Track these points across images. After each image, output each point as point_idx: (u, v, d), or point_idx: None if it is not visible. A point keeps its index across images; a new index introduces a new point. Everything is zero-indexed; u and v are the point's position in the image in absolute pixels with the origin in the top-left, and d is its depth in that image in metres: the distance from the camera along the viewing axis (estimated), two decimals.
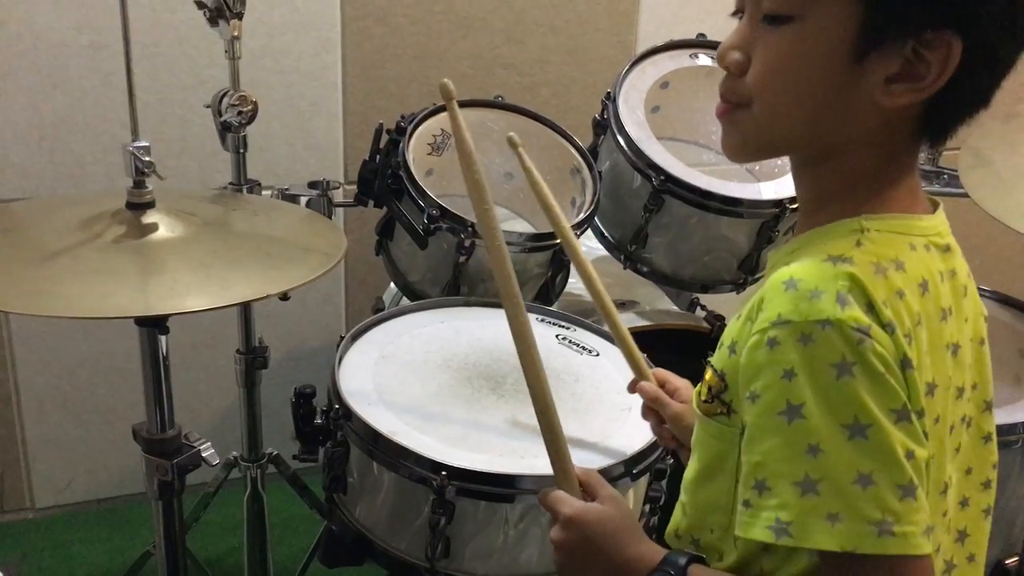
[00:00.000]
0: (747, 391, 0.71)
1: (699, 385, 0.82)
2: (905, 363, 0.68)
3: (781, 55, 0.72)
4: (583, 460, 1.15)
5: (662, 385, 1.10)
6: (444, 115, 1.64)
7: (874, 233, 0.72)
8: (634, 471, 1.15)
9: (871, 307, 0.68)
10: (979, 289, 0.82)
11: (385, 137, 1.58)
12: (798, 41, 0.71)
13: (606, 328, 1.49)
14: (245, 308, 1.70)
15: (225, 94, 1.52)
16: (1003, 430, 1.31)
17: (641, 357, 1.14)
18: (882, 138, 0.73)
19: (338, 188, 1.73)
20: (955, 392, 0.77)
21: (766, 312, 0.70)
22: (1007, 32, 0.68)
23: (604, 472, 1.11)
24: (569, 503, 0.88)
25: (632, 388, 1.12)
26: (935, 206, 0.79)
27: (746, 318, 0.75)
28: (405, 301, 1.63)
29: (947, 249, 0.77)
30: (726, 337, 0.79)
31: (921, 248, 0.74)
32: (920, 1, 0.66)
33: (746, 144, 0.77)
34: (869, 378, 0.66)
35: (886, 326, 0.68)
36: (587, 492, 0.92)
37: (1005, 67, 0.71)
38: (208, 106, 1.55)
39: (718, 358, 0.78)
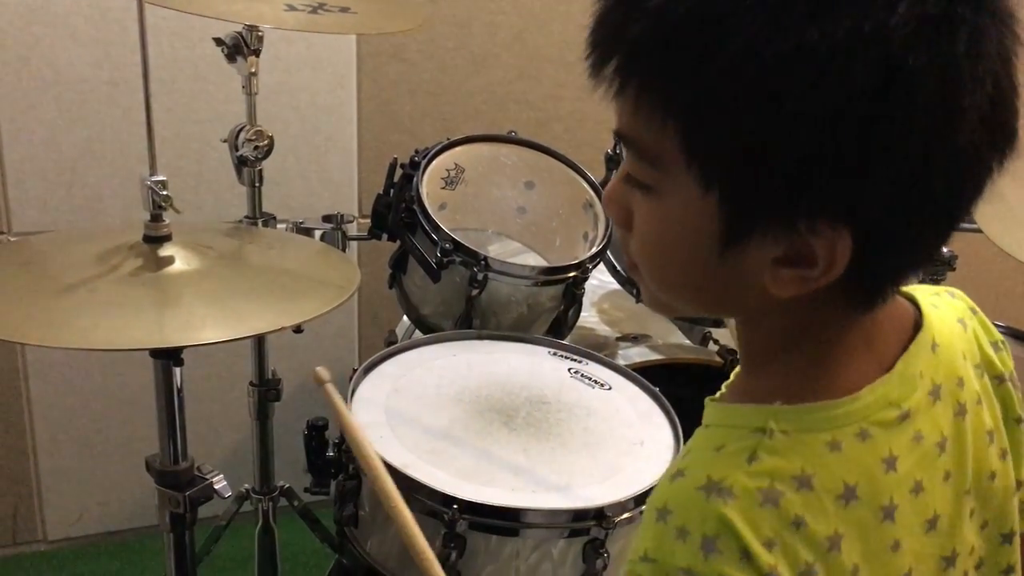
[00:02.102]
0: None
1: None
2: None
3: (651, 226, 0.62)
4: (594, 495, 1.15)
5: None
6: (458, 149, 1.65)
7: (779, 438, 0.60)
8: (646, 505, 1.15)
9: (746, 554, 0.57)
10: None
11: (399, 171, 1.59)
12: (661, 216, 0.60)
13: (619, 361, 1.50)
14: (259, 341, 1.70)
15: (242, 129, 1.54)
16: None
17: None
18: (803, 308, 0.61)
19: (352, 222, 1.74)
20: (939, 565, 0.67)
21: (638, 541, 0.62)
22: (906, 213, 0.56)
23: (616, 506, 1.11)
24: None
25: None
26: (914, 326, 0.67)
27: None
28: (418, 334, 1.64)
29: (903, 418, 0.64)
30: None
31: (850, 441, 0.61)
32: (779, 193, 0.54)
33: (654, 305, 0.69)
34: None
35: None
36: None
37: (929, 242, 0.59)
38: (225, 141, 1.57)
39: None
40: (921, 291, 0.71)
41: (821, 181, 0.54)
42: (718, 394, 0.72)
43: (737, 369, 0.73)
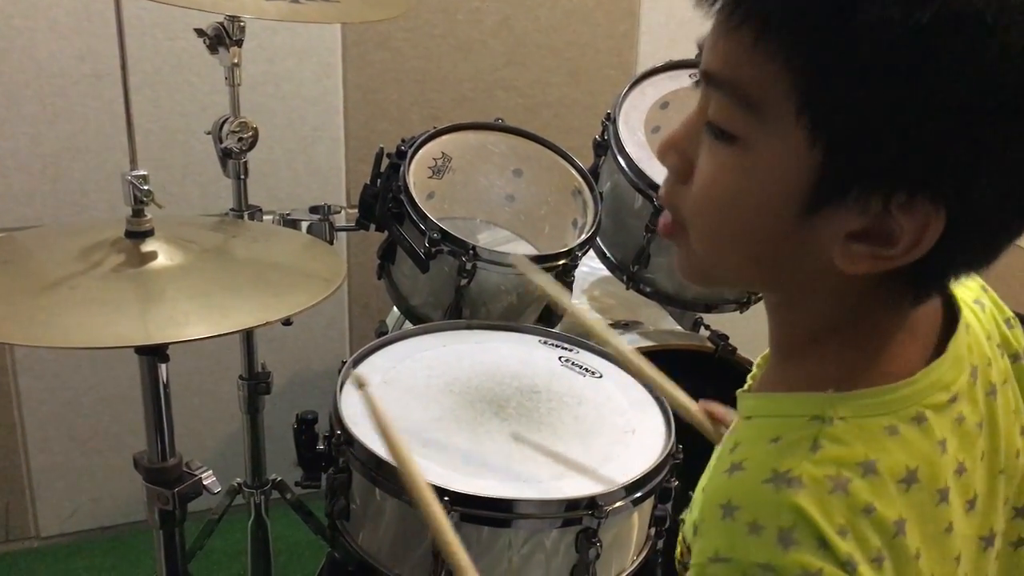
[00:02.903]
0: None
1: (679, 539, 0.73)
2: None
3: (722, 179, 0.58)
4: (587, 484, 1.14)
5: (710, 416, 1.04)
6: (445, 138, 1.64)
7: (838, 425, 0.59)
8: (638, 493, 1.14)
9: (823, 543, 0.56)
10: None
11: (386, 161, 1.58)
12: (742, 169, 0.57)
13: (609, 349, 1.49)
14: (247, 334, 1.69)
15: (225, 120, 1.52)
16: None
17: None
18: (852, 292, 0.60)
19: (340, 212, 1.73)
20: (979, 546, 0.67)
21: (703, 541, 0.60)
22: (1008, 201, 0.54)
23: (608, 495, 1.11)
24: None
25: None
26: (945, 308, 0.65)
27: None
28: (408, 325, 1.63)
29: (952, 401, 0.63)
30: (696, 502, 0.67)
31: (907, 426, 0.60)
32: (892, 159, 0.52)
33: (692, 272, 0.66)
34: None
35: (844, 564, 0.56)
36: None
37: (1008, 238, 0.57)
38: (209, 133, 1.56)
39: (689, 524, 0.67)
40: None
41: (944, 155, 0.52)
42: (746, 386, 0.70)
43: (760, 361, 0.72)
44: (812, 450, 0.58)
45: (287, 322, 1.27)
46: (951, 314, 0.67)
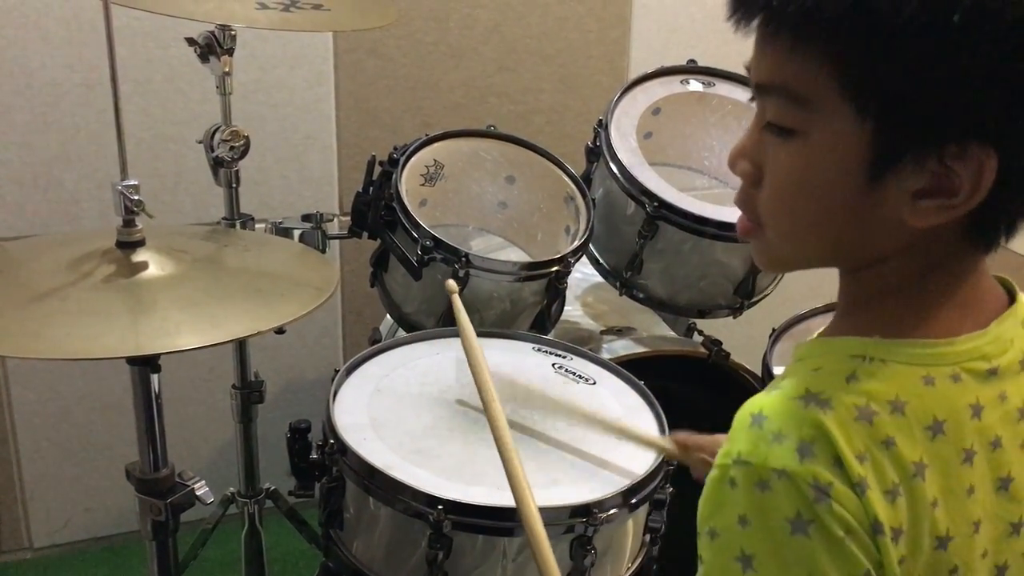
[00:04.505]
0: (706, 525, 0.65)
1: None
2: (876, 528, 0.61)
3: (789, 173, 0.64)
4: (580, 491, 1.14)
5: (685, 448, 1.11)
6: (437, 145, 1.64)
7: (877, 364, 0.64)
8: (632, 500, 1.14)
9: (839, 461, 0.60)
10: None
11: (378, 169, 1.58)
12: (805, 158, 0.63)
13: (603, 355, 1.49)
14: (240, 343, 1.69)
15: (217, 129, 1.52)
16: None
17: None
18: (924, 248, 0.65)
19: (332, 220, 1.73)
20: (1006, 530, 0.69)
21: (729, 445, 0.64)
22: None
23: (603, 502, 1.11)
24: None
25: None
26: (1005, 305, 0.70)
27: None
28: (401, 332, 1.63)
29: (992, 373, 0.67)
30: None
31: (944, 380, 0.65)
32: (935, 114, 0.58)
33: (771, 263, 0.72)
34: (825, 541, 0.60)
35: (855, 485, 0.60)
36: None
37: None
38: (200, 142, 1.55)
39: None
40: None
41: (978, 101, 0.57)
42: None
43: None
44: (847, 380, 0.64)
45: (280, 331, 1.27)
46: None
